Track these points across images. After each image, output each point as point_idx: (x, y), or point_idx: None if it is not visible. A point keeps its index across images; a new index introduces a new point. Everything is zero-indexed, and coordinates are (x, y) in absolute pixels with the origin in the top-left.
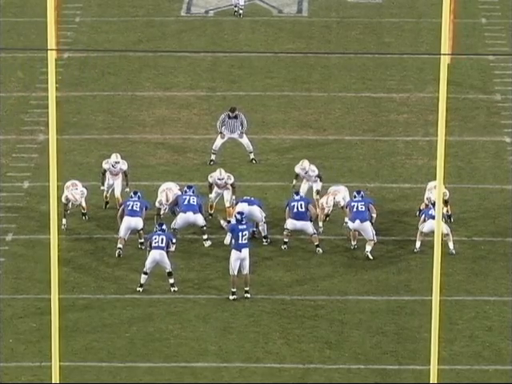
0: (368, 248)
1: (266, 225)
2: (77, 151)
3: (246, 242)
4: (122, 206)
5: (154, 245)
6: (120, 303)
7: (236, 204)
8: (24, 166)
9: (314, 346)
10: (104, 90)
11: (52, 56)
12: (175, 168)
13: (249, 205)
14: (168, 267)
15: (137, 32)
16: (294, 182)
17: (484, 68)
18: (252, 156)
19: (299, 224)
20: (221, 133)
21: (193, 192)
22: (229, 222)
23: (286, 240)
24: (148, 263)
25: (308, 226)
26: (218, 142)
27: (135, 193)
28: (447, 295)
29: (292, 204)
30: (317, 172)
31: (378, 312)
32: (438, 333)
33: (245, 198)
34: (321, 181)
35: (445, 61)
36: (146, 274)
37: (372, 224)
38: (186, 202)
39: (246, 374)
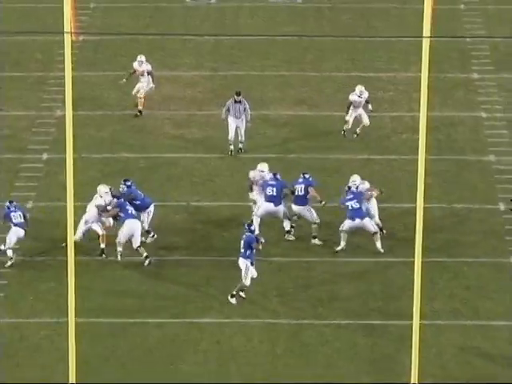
0: (378, 244)
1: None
2: (91, 126)
3: (242, 251)
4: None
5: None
6: (130, 265)
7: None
8: (43, 139)
9: (306, 303)
10: (116, 70)
11: (68, 39)
12: (181, 141)
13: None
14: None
15: (146, 17)
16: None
17: (462, 49)
18: (241, 146)
19: (297, 209)
20: (223, 119)
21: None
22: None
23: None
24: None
25: (305, 212)
26: (231, 132)
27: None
28: (428, 257)
29: (295, 186)
30: (367, 95)
31: (366, 272)
32: (420, 291)
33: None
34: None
35: (427, 43)
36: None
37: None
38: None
39: (246, 328)
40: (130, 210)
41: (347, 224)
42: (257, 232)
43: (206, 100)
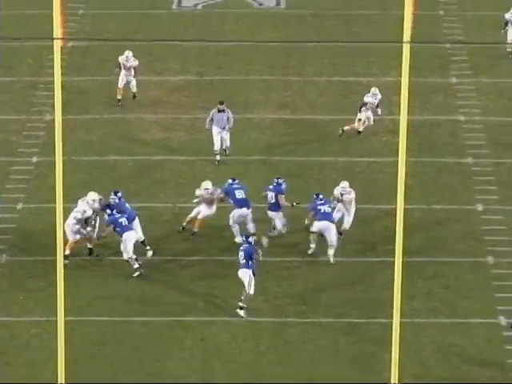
0: (331, 252)
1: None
2: (80, 129)
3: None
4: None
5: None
6: (118, 265)
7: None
8: (33, 142)
9: (290, 302)
10: (104, 74)
11: (58, 44)
12: (167, 144)
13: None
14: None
15: (133, 23)
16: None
17: (442, 55)
18: (227, 151)
19: (270, 214)
20: (207, 129)
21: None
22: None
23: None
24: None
25: (276, 219)
26: (217, 142)
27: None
28: (408, 257)
29: (267, 193)
30: (380, 97)
31: (348, 272)
32: (400, 290)
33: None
34: (378, 107)
35: (407, 48)
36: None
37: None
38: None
39: (230, 326)
40: (124, 222)
41: (316, 225)
42: (239, 239)
43: (192, 104)
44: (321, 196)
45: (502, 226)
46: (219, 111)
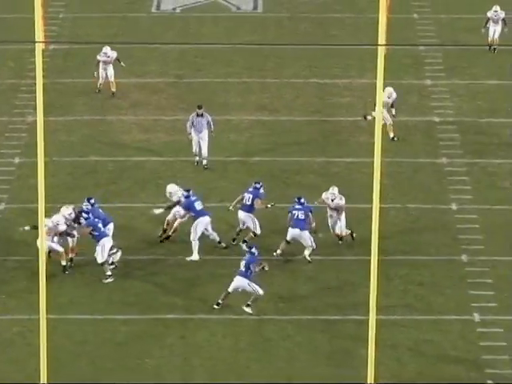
0: (306, 252)
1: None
2: (61, 131)
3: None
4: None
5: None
6: (98, 264)
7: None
8: (15, 143)
9: (268, 299)
10: (85, 77)
11: (39, 48)
12: (147, 145)
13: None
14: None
15: (113, 27)
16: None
17: (416, 57)
18: (205, 162)
19: (242, 215)
20: (189, 134)
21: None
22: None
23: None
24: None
25: (249, 220)
26: (195, 146)
27: None
28: (384, 255)
29: (244, 195)
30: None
31: (325, 270)
32: (376, 288)
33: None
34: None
35: (382, 51)
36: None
37: (311, 233)
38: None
39: (209, 324)
40: (101, 227)
41: (289, 232)
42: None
43: (172, 106)
44: (302, 200)
45: (475, 225)
46: (198, 115)
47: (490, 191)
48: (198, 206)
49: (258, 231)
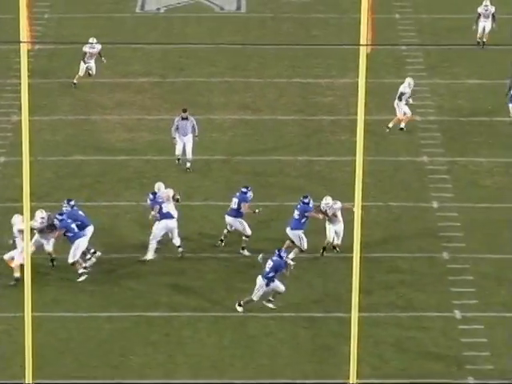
0: (291, 255)
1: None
2: (46, 130)
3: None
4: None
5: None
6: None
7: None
8: (0, 143)
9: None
10: (69, 77)
11: (24, 48)
12: (131, 144)
13: None
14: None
15: (98, 27)
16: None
17: (397, 56)
18: (188, 165)
19: (229, 220)
20: (174, 138)
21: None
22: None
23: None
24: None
25: (237, 224)
26: (178, 150)
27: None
28: (366, 253)
29: (232, 199)
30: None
31: (307, 267)
32: (358, 285)
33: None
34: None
35: (364, 51)
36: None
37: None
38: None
39: (193, 321)
40: (75, 228)
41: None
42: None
43: (155, 105)
44: (306, 199)
45: (456, 223)
46: (183, 119)
47: (471, 189)
48: (165, 208)
49: (249, 232)
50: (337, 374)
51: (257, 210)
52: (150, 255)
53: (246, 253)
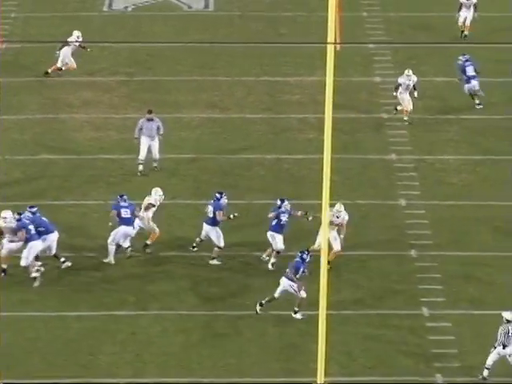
0: (273, 260)
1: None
2: (14, 129)
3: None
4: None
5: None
6: (50, 261)
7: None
8: None
9: (220, 295)
10: (37, 76)
11: None
12: (98, 143)
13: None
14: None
15: (65, 26)
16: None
17: (365, 54)
18: (155, 164)
19: (207, 228)
20: (136, 138)
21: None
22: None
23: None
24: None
25: (213, 234)
26: (143, 152)
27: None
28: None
29: (208, 206)
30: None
31: (276, 266)
32: (326, 283)
33: None
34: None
35: (331, 49)
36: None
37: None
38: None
39: (161, 320)
40: (32, 230)
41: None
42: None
43: (123, 104)
44: (280, 202)
45: (424, 220)
46: (148, 120)
47: (438, 187)
48: (124, 213)
49: (221, 244)
50: (305, 372)
51: (232, 216)
52: (110, 258)
53: (215, 262)
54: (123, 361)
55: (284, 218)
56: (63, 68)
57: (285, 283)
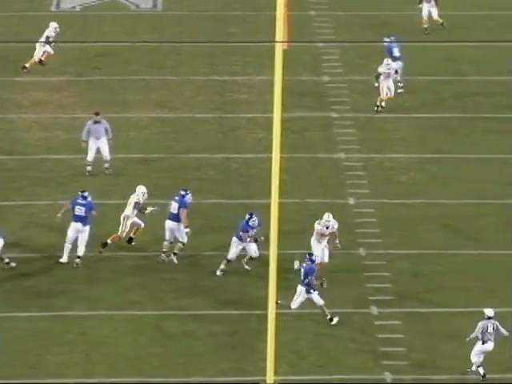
0: (246, 266)
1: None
2: None
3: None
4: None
5: None
6: None
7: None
8: None
9: (171, 295)
10: None
11: None
12: (47, 143)
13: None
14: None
15: (13, 25)
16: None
17: (314, 54)
18: (107, 165)
19: (170, 224)
20: (84, 141)
21: None
22: None
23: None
24: None
25: (177, 230)
26: (91, 153)
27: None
28: (283, 250)
29: (172, 202)
30: (395, 65)
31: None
32: (275, 282)
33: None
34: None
35: (280, 48)
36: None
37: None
38: None
39: (110, 320)
40: None
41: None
42: (65, 259)
43: (72, 104)
44: (251, 218)
45: (372, 219)
46: (95, 122)
47: (387, 186)
48: (78, 211)
49: (185, 240)
50: (254, 371)
51: (187, 230)
52: (64, 259)
53: (174, 259)
54: (72, 361)
55: (253, 232)
56: (43, 59)
57: (300, 288)
